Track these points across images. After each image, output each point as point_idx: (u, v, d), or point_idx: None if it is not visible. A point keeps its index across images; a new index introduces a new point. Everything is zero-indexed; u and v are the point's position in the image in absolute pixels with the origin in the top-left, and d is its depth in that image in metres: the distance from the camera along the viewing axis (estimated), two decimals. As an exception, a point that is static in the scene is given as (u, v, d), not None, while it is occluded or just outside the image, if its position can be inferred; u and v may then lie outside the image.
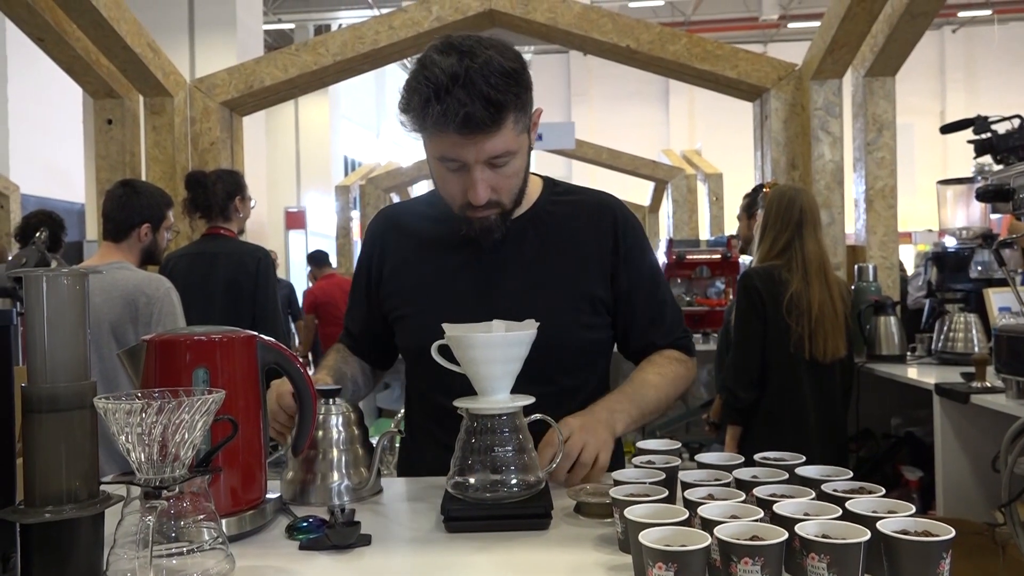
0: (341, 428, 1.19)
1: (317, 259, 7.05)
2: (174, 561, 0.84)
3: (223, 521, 0.92)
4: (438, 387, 1.26)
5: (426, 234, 1.39)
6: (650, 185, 10.57)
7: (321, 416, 1.18)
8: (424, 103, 1.13)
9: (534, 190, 1.38)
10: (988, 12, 16.86)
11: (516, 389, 1.12)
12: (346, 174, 15.58)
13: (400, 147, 19.30)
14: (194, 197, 3.16)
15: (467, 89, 1.12)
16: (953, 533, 0.76)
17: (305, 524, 1.03)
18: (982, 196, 2.17)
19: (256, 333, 1.11)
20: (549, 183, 1.42)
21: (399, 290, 1.38)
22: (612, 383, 1.43)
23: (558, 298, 1.32)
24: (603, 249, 1.37)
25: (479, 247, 1.31)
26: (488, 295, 1.31)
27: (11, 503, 0.85)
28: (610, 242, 1.37)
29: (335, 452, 1.18)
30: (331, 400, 1.21)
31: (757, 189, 3.47)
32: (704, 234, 9.00)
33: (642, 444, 1.17)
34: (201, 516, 0.87)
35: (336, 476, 1.17)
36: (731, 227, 4.96)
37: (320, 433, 1.18)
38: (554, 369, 1.31)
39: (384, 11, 13.28)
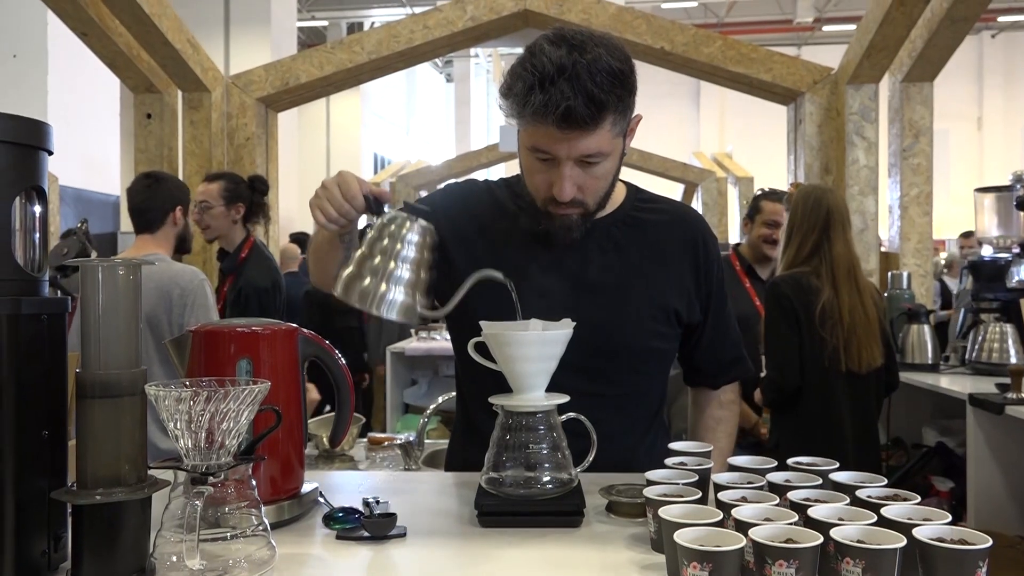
0: (414, 247, 1.14)
1: None
2: (218, 546, 0.86)
3: (263, 509, 0.94)
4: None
5: (507, 221, 1.35)
6: (680, 188, 10.53)
7: (395, 226, 1.14)
8: (527, 90, 1.12)
9: (619, 195, 1.37)
10: (1030, 17, 16.54)
11: (578, 388, 1.13)
12: (376, 171, 15.71)
13: (430, 145, 19.40)
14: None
15: (572, 83, 1.10)
16: (990, 542, 0.76)
17: (342, 514, 1.04)
18: (1022, 204, 2.15)
19: (297, 326, 1.14)
20: (633, 190, 1.42)
21: (469, 270, 1.28)
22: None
23: (633, 303, 1.31)
24: (684, 263, 1.36)
25: (556, 243, 1.30)
26: (561, 292, 1.30)
27: (63, 485, 0.88)
28: (692, 258, 1.37)
29: (400, 267, 1.12)
30: (416, 218, 1.15)
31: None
32: (734, 237, 8.96)
33: (674, 445, 1.17)
34: (244, 503, 0.89)
35: (393, 290, 1.12)
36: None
37: (387, 242, 1.13)
38: (619, 372, 1.32)
39: (417, 9, 13.33)
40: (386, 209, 1.17)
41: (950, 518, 0.84)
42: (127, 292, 0.86)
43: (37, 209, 0.89)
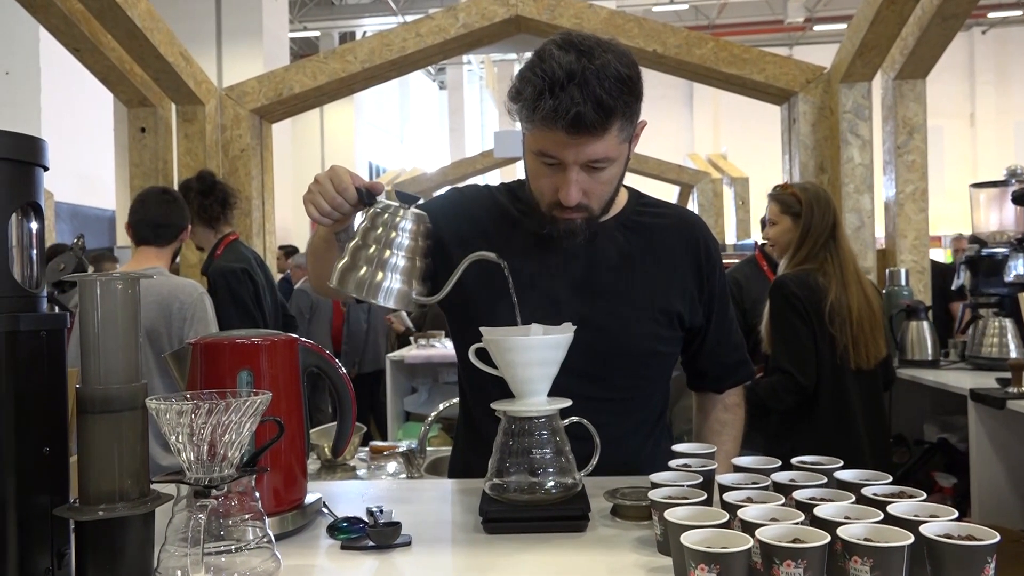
0: (408, 234, 1.14)
1: None
2: (222, 559, 0.86)
3: (267, 521, 0.94)
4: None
5: (509, 225, 1.35)
6: (676, 190, 10.54)
7: (388, 215, 1.14)
8: (537, 95, 1.13)
9: (621, 199, 1.38)
10: (1020, 13, 16.60)
11: (581, 392, 1.13)
12: (371, 180, 15.69)
13: (424, 153, 19.41)
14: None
15: (581, 88, 1.11)
16: (998, 537, 0.76)
17: (346, 524, 1.04)
18: (1018, 199, 2.15)
19: (297, 336, 1.13)
20: (635, 194, 1.42)
21: (473, 278, 1.27)
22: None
23: (635, 306, 1.32)
24: (686, 266, 1.37)
25: (559, 247, 1.29)
26: (564, 296, 1.30)
27: (65, 501, 0.87)
28: (694, 262, 1.37)
29: (394, 255, 1.13)
30: (408, 205, 1.16)
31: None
32: (730, 238, 8.97)
33: (678, 447, 1.17)
34: (248, 515, 0.89)
35: (389, 278, 1.12)
36: (757, 230, 4.93)
37: (381, 230, 1.13)
38: (622, 376, 1.32)
39: (409, 17, 13.37)
40: (379, 200, 1.17)
41: (956, 514, 0.84)
42: (125, 306, 0.86)
43: (34, 226, 0.89)
